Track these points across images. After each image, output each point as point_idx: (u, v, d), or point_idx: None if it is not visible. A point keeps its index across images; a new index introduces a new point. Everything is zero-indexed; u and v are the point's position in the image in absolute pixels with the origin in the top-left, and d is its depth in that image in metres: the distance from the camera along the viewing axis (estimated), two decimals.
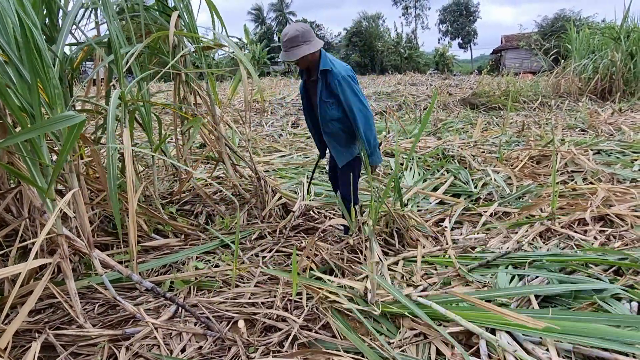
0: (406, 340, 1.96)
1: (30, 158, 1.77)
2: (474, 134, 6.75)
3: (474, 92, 11.85)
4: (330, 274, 2.69)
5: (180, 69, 3.55)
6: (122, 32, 2.97)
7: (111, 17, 2.30)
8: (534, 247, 2.88)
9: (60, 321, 2.19)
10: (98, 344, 1.97)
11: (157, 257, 2.92)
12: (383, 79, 21.56)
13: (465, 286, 2.43)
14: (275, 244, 3.14)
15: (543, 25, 32.76)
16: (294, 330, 2.03)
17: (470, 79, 19.67)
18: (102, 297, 2.40)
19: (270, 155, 6.23)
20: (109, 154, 2.19)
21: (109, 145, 2.14)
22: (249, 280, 2.60)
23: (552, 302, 2.19)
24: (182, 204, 3.90)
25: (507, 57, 33.28)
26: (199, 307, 2.27)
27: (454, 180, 4.50)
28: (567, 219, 3.20)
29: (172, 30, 3.13)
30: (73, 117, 1.73)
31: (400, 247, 3.01)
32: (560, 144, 5.47)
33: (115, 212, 2.14)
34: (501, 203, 3.77)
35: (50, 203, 1.86)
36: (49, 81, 1.70)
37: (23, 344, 2.01)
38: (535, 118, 8.69)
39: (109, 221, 3.28)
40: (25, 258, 2.66)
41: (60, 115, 1.74)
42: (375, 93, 13.92)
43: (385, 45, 39.91)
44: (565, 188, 3.89)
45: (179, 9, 3.49)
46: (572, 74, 11.95)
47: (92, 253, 2.00)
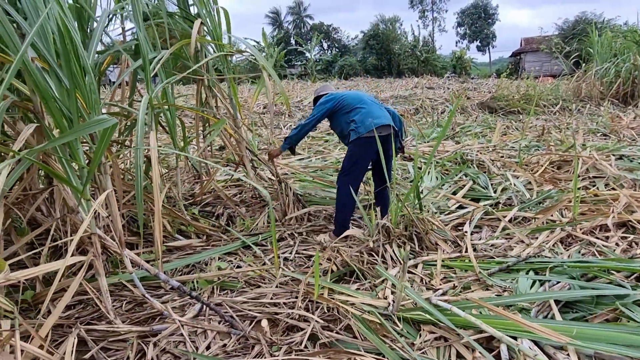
0: (427, 343, 1.99)
1: (67, 160, 1.85)
2: (493, 138, 6.72)
3: (492, 95, 11.77)
4: (350, 276, 2.74)
5: (203, 74, 3.63)
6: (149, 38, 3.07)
7: (141, 25, 2.38)
8: (554, 253, 2.87)
9: (90, 317, 2.27)
10: (127, 340, 2.04)
11: (180, 257, 3.00)
12: (400, 82, 21.51)
13: (485, 290, 2.45)
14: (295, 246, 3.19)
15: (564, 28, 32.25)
16: (316, 330, 2.07)
17: (489, 82, 19.48)
18: (129, 294, 2.48)
19: (289, 158, 6.29)
20: (137, 157, 2.26)
21: (138, 148, 2.22)
22: (271, 281, 2.65)
23: (573, 308, 2.19)
24: (203, 206, 3.98)
25: (526, 60, 32.87)
26: (223, 306, 2.33)
27: (472, 184, 4.49)
28: (588, 225, 3.18)
29: (195, 37, 3.22)
30: (106, 121, 1.82)
31: (419, 250, 3.03)
32: (581, 149, 5.41)
33: (139, 213, 2.21)
34: (521, 208, 3.76)
35: (85, 203, 1.94)
36: (86, 87, 1.78)
37: (56, 338, 2.10)
38: (556, 122, 8.60)
39: (134, 221, 3.37)
40: (55, 257, 2.77)
41: (94, 119, 1.83)
42: (393, 96, 13.90)
43: (402, 48, 39.78)
44: (587, 194, 3.86)
45: (202, 16, 3.58)
46: (593, 77, 11.78)
47: (123, 252, 2.07)
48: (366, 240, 3.02)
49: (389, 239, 3.01)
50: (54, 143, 1.64)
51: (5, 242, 2.43)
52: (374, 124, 3.19)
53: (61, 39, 1.73)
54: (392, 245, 2.97)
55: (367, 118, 3.23)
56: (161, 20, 3.41)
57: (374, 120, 3.22)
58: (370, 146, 3.23)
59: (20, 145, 1.77)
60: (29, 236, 2.38)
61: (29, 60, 1.70)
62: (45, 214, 2.85)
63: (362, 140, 3.21)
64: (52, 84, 1.84)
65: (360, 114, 3.27)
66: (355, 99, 3.41)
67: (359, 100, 3.39)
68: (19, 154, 1.66)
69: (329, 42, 52.60)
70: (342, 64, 39.32)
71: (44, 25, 1.78)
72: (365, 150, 3.26)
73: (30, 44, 1.77)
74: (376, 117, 3.25)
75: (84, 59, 1.76)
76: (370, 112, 3.28)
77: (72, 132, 1.66)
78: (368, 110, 3.30)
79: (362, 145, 3.23)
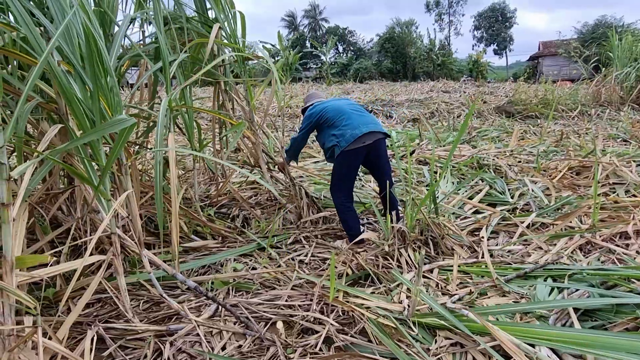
0: (442, 349, 1.97)
1: (89, 160, 1.89)
2: (510, 142, 6.64)
3: (509, 99, 11.63)
4: (365, 280, 2.73)
5: (220, 77, 3.68)
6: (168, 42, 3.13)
7: (161, 29, 2.42)
8: (573, 260, 2.83)
9: (108, 315, 2.31)
10: (145, 339, 2.07)
11: (196, 258, 3.03)
12: (415, 85, 21.44)
13: (502, 297, 2.42)
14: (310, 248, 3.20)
15: (583, 32, 31.78)
16: (331, 333, 2.07)
17: (506, 86, 19.28)
18: (146, 294, 2.52)
19: (304, 161, 6.31)
20: (157, 158, 2.30)
21: (158, 150, 2.25)
22: (286, 283, 2.66)
23: (592, 317, 2.15)
24: (219, 207, 4.02)
25: (544, 64, 32.45)
26: (239, 307, 2.35)
27: (489, 189, 4.45)
28: (608, 232, 3.13)
29: (212, 40, 3.26)
30: (126, 120, 1.85)
31: (435, 255, 3.01)
32: (601, 155, 5.32)
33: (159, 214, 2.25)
34: (539, 214, 3.71)
35: (105, 203, 1.98)
36: (109, 89, 1.82)
37: (75, 335, 2.14)
38: (575, 127, 8.47)
39: (151, 222, 3.42)
40: (75, 255, 2.83)
41: (114, 119, 1.87)
42: (408, 100, 13.85)
43: (418, 51, 39.61)
44: (607, 200, 3.79)
45: (219, 20, 3.63)
46: (613, 82, 11.57)
47: (142, 252, 2.10)
48: (381, 244, 3.01)
49: (405, 243, 2.99)
50: (76, 142, 1.68)
51: (28, 241, 2.49)
52: (353, 135, 3.15)
53: (86, 42, 1.77)
54: (407, 249, 2.96)
55: (347, 131, 3.19)
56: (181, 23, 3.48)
57: (352, 132, 3.17)
58: (355, 158, 3.23)
59: (44, 146, 1.82)
60: (51, 235, 2.43)
61: (55, 63, 1.74)
62: (66, 213, 2.91)
63: (344, 155, 3.19)
64: (76, 87, 1.88)
65: (340, 128, 3.23)
66: (336, 111, 3.34)
67: (339, 112, 3.33)
68: (42, 154, 1.71)
69: (344, 45, 52.66)
70: (357, 67, 39.32)
71: (70, 29, 1.83)
72: (349, 163, 3.26)
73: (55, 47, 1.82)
74: (355, 128, 3.19)
75: (107, 62, 1.80)
76: (349, 125, 3.22)
77: (93, 132, 1.70)
78: (347, 122, 3.24)
79: (345, 160, 3.23)
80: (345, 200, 3.33)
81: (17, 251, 1.58)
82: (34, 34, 1.74)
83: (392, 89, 19.05)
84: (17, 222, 1.58)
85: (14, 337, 1.59)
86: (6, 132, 1.50)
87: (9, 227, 1.52)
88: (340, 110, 3.35)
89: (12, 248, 1.53)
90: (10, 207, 1.52)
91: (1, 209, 1.49)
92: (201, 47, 3.65)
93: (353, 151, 3.17)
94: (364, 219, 3.88)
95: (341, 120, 3.27)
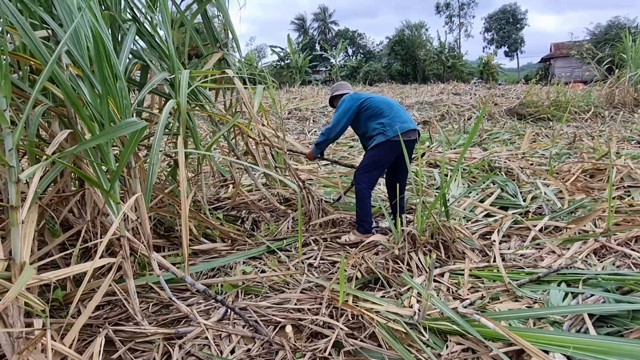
0: (454, 355, 1.94)
1: (98, 163, 1.90)
2: (522, 145, 6.57)
3: (521, 102, 11.52)
4: (375, 284, 2.71)
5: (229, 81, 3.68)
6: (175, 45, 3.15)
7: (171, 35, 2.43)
8: (587, 265, 2.77)
9: (118, 318, 2.31)
10: (154, 342, 2.07)
11: (205, 261, 3.02)
12: (425, 88, 21.33)
13: (515, 302, 2.38)
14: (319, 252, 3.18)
15: (595, 33, 31.41)
16: (340, 337, 2.05)
17: (517, 88, 19.10)
18: (155, 296, 2.51)
19: (313, 164, 6.29)
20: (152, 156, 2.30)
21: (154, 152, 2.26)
22: (295, 287, 2.64)
23: (608, 323, 2.10)
24: (228, 210, 4.02)
25: (556, 65, 32.15)
26: (248, 311, 2.33)
27: (501, 192, 4.39)
28: (623, 236, 3.07)
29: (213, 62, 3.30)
30: (136, 124, 1.85)
31: (446, 259, 2.98)
32: (615, 157, 5.23)
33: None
34: (552, 217, 3.65)
35: (114, 206, 1.98)
36: (118, 92, 1.83)
37: (85, 337, 2.14)
38: (588, 129, 8.35)
39: (161, 224, 3.43)
40: (85, 258, 2.84)
41: (124, 122, 1.87)
42: (418, 102, 13.78)
43: (428, 54, 39.44)
44: (622, 203, 3.72)
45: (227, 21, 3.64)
46: (627, 83, 11.40)
47: (151, 255, 2.10)
48: (391, 248, 2.98)
49: (415, 247, 2.96)
50: (85, 145, 1.69)
51: (39, 243, 2.50)
52: (402, 127, 3.26)
53: (95, 45, 1.78)
54: (417, 253, 2.92)
55: (396, 122, 3.30)
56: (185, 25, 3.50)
57: (402, 124, 3.29)
58: (395, 149, 3.31)
59: (54, 149, 1.82)
60: (62, 237, 2.44)
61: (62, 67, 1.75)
62: (76, 215, 2.93)
63: (389, 144, 3.28)
64: (85, 90, 1.89)
65: (389, 118, 3.34)
66: (384, 102, 3.47)
67: (387, 104, 3.46)
68: (51, 157, 1.71)
69: (353, 48, 52.66)
70: (367, 69, 39.25)
71: (78, 33, 1.84)
72: (390, 153, 3.34)
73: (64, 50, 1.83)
74: (404, 122, 3.32)
75: (116, 65, 1.80)
76: (398, 116, 3.35)
77: (103, 135, 1.70)
78: (397, 114, 3.36)
79: (387, 148, 3.31)
80: (369, 187, 3.42)
81: (26, 253, 1.58)
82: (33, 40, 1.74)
83: (402, 92, 18.99)
84: (27, 224, 1.59)
85: (24, 340, 1.60)
86: (14, 135, 1.51)
87: (17, 230, 1.52)
88: (389, 102, 3.49)
89: (21, 250, 1.53)
90: (19, 209, 1.53)
91: (10, 211, 1.50)
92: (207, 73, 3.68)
93: (397, 142, 3.25)
94: (374, 221, 3.85)
95: (390, 111, 3.38)
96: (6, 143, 1.52)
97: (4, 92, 1.48)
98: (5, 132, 1.52)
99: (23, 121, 1.55)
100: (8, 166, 1.51)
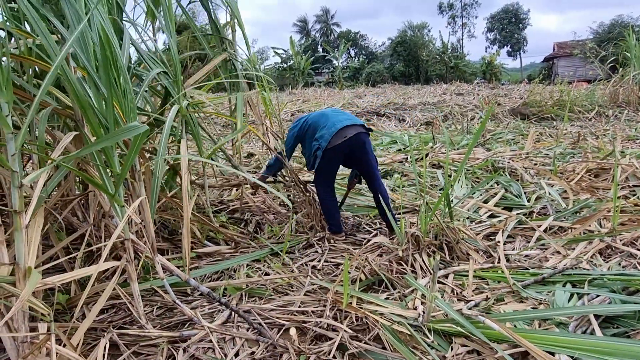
0: (459, 357, 1.93)
1: (103, 167, 1.90)
2: (526, 145, 6.54)
3: (524, 101, 11.48)
4: (379, 286, 2.70)
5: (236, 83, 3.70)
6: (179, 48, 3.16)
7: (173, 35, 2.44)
8: (593, 265, 2.75)
9: (122, 321, 2.31)
10: (158, 345, 2.07)
11: (209, 264, 3.03)
12: (428, 88, 21.28)
13: (520, 303, 2.37)
14: (323, 254, 3.18)
15: (599, 32, 31.29)
16: (345, 340, 2.04)
17: (520, 88, 19.02)
18: (159, 299, 2.52)
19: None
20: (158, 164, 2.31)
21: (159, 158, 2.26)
22: (299, 289, 2.64)
23: (614, 323, 2.09)
24: (231, 212, 4.02)
25: (559, 65, 32.04)
26: (252, 313, 2.33)
27: (505, 193, 4.38)
28: (629, 236, 3.05)
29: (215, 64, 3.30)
30: (138, 127, 1.86)
31: (450, 260, 2.97)
32: (620, 156, 5.21)
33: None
34: (557, 218, 3.63)
35: (119, 209, 1.99)
36: (124, 96, 1.84)
37: (89, 341, 2.14)
38: (592, 129, 8.31)
39: (165, 227, 3.44)
40: (89, 261, 2.85)
41: (127, 126, 1.88)
42: (421, 103, 13.75)
43: (430, 54, 39.39)
44: (627, 203, 3.70)
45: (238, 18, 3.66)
46: (631, 82, 11.33)
47: (155, 258, 2.11)
48: (395, 249, 2.97)
49: (419, 248, 2.95)
50: (90, 149, 1.70)
51: (43, 247, 2.51)
52: (330, 133, 3.17)
53: (101, 48, 1.79)
54: (421, 254, 2.92)
55: (324, 131, 3.22)
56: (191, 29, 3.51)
57: (329, 129, 3.19)
58: (337, 155, 3.27)
59: (59, 153, 1.83)
60: (66, 241, 2.45)
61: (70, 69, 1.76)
62: (80, 219, 2.94)
63: (327, 152, 3.21)
64: (90, 93, 1.90)
65: (320, 130, 3.27)
66: (317, 117, 3.40)
67: (320, 116, 3.38)
68: (55, 161, 1.72)
69: (356, 49, 52.68)
70: (370, 71, 39.23)
71: (85, 36, 1.84)
72: (332, 160, 3.31)
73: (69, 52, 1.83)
74: (331, 126, 3.21)
75: (122, 69, 1.81)
76: (326, 124, 3.25)
77: (107, 138, 1.71)
78: (327, 122, 3.28)
79: (327, 157, 3.25)
80: (324, 190, 3.47)
81: (31, 258, 1.59)
82: (49, 41, 1.76)
83: (405, 92, 18.95)
84: (32, 229, 1.59)
85: (28, 344, 1.60)
86: (18, 139, 1.51)
87: (21, 235, 1.53)
88: (323, 113, 3.43)
89: (25, 255, 1.53)
90: (23, 214, 1.53)
91: (14, 216, 1.50)
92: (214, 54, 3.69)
93: (335, 148, 3.20)
94: (376, 223, 3.85)
95: (323, 122, 3.31)
96: (9, 148, 1.53)
97: (6, 97, 1.49)
98: (7, 136, 1.53)
99: (27, 125, 1.55)
100: (11, 171, 1.52)
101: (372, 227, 3.78)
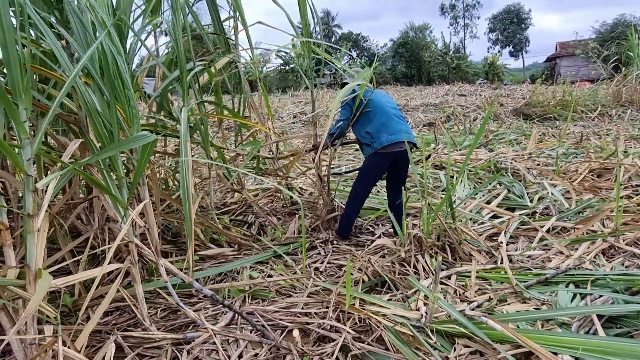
0: (461, 358, 1.94)
1: (108, 171, 1.92)
2: (528, 145, 6.54)
3: (527, 102, 11.47)
4: (381, 287, 2.71)
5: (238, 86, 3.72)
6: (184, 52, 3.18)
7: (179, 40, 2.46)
8: (596, 265, 2.75)
9: (126, 323, 2.33)
10: (162, 347, 2.08)
11: (213, 266, 3.04)
12: (430, 89, 21.29)
13: (523, 303, 2.37)
14: (325, 255, 3.19)
15: (601, 32, 31.20)
16: (348, 341, 2.05)
17: (523, 88, 18.99)
18: (163, 302, 2.53)
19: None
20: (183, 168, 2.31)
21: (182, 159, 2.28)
22: (302, 291, 2.65)
23: (617, 324, 2.09)
24: (235, 215, 4.04)
25: (562, 65, 32.00)
26: (255, 315, 2.34)
27: (507, 193, 4.38)
28: (632, 236, 3.05)
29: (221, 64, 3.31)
30: (147, 137, 1.89)
31: (452, 261, 2.97)
32: (623, 156, 5.20)
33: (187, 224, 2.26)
34: (560, 218, 3.63)
35: (123, 212, 2.01)
36: (128, 102, 1.86)
37: (94, 343, 2.16)
38: (595, 129, 8.30)
39: (168, 230, 3.46)
40: (93, 264, 2.87)
41: (136, 135, 1.91)
42: (423, 104, 13.76)
43: (433, 55, 39.42)
44: (630, 203, 3.69)
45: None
46: (634, 82, 11.30)
47: (159, 260, 2.12)
48: (398, 250, 2.98)
49: (421, 249, 2.96)
50: (99, 157, 1.72)
51: (49, 250, 2.53)
52: (388, 140, 3.17)
53: (104, 56, 1.81)
54: (424, 255, 2.92)
55: (383, 134, 3.20)
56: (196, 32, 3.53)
57: (389, 136, 3.19)
58: (385, 161, 3.29)
59: (67, 158, 1.86)
60: (71, 244, 2.47)
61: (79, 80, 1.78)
62: (85, 222, 2.96)
63: (377, 155, 3.25)
64: (95, 99, 1.92)
65: (377, 126, 3.24)
66: (377, 105, 3.33)
67: (380, 108, 3.32)
68: (68, 165, 1.74)
69: (358, 50, 52.73)
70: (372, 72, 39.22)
71: (90, 43, 1.87)
72: (379, 163, 3.33)
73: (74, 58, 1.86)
74: (392, 133, 3.20)
75: (125, 74, 1.83)
76: (386, 126, 3.23)
77: (116, 146, 1.73)
78: (385, 122, 3.24)
79: (376, 161, 3.29)
80: (363, 197, 3.48)
81: (39, 261, 1.60)
82: (58, 49, 1.78)
83: (407, 94, 18.97)
84: (40, 232, 1.61)
85: (36, 346, 1.62)
86: (33, 145, 1.54)
87: (33, 238, 1.55)
88: (381, 106, 3.33)
89: (36, 258, 1.56)
90: (36, 218, 1.56)
91: (27, 219, 1.53)
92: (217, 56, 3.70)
93: (385, 154, 3.24)
94: (379, 225, 3.86)
95: (380, 117, 3.27)
96: (25, 153, 1.55)
97: (25, 104, 1.51)
98: (24, 142, 1.55)
99: (42, 132, 1.58)
100: (26, 175, 1.55)
101: (375, 228, 3.79)
